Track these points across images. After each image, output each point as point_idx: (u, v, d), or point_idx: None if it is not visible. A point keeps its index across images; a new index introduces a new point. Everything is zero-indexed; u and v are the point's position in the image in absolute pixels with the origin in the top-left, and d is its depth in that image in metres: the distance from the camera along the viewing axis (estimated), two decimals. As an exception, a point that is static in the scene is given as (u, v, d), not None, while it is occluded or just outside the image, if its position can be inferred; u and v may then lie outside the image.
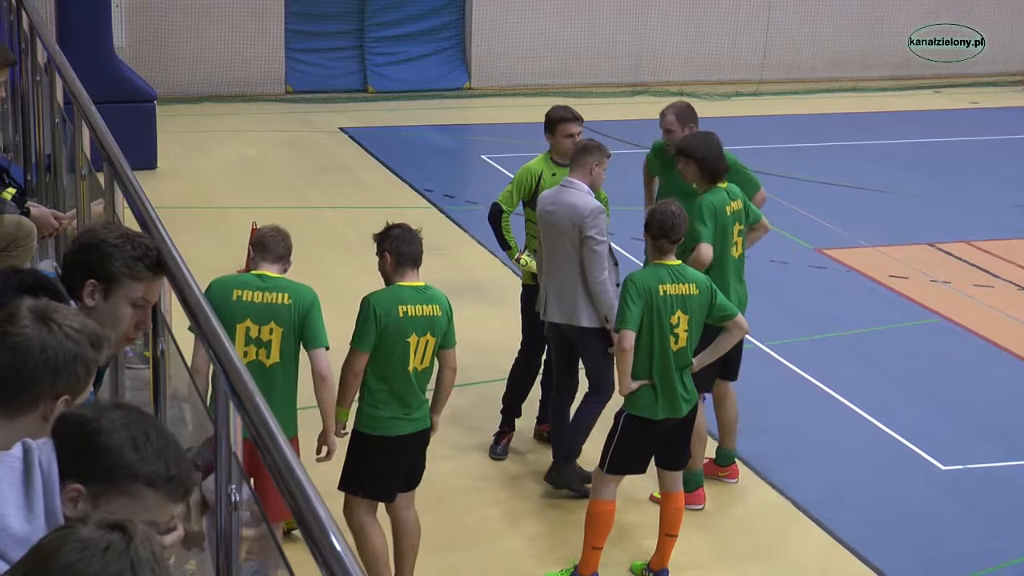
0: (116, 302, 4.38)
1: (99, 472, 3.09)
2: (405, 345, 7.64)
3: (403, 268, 7.76)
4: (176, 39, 21.71)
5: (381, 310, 7.65)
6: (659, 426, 8.17)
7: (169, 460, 3.14)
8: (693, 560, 8.74)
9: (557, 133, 9.85)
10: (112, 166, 5.55)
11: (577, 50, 23.07)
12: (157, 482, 3.11)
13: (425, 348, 7.70)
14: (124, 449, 3.10)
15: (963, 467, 10.03)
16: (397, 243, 7.78)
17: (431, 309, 7.70)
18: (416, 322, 7.65)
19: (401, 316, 7.63)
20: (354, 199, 16.38)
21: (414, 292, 7.73)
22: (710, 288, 8.20)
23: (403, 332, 7.64)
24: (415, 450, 7.86)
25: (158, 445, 3.14)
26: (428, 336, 7.68)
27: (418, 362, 7.70)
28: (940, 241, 15.11)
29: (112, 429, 3.12)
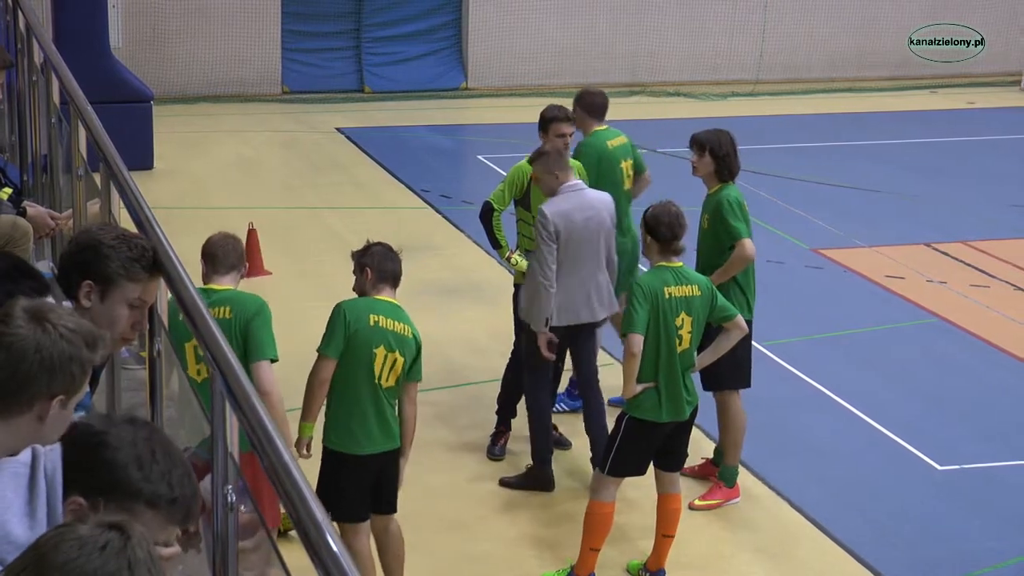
0: (113, 303, 4.37)
1: (101, 486, 3.08)
2: (372, 355, 7.48)
3: (382, 285, 7.67)
4: (172, 39, 21.71)
5: (352, 316, 7.53)
6: (661, 428, 8.17)
7: (173, 482, 3.11)
8: (689, 561, 8.74)
9: (550, 132, 9.88)
10: (108, 166, 5.55)
11: (574, 50, 23.08)
12: (158, 503, 3.08)
13: (392, 366, 7.52)
14: (129, 466, 3.08)
15: (959, 467, 10.04)
16: (379, 259, 7.71)
17: (403, 328, 7.57)
18: (387, 335, 7.51)
19: (372, 325, 7.51)
20: (351, 199, 16.38)
21: (389, 307, 7.61)
22: (711, 289, 8.22)
23: (372, 341, 7.49)
24: (383, 471, 7.67)
25: (164, 466, 3.11)
26: (396, 354, 7.51)
27: (384, 378, 7.53)
28: (937, 241, 15.11)
29: (119, 445, 3.09)
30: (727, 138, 9.32)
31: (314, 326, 10.18)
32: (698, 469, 9.65)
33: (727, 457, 9.47)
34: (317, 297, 12.51)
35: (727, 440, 9.46)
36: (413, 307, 8.37)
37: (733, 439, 9.43)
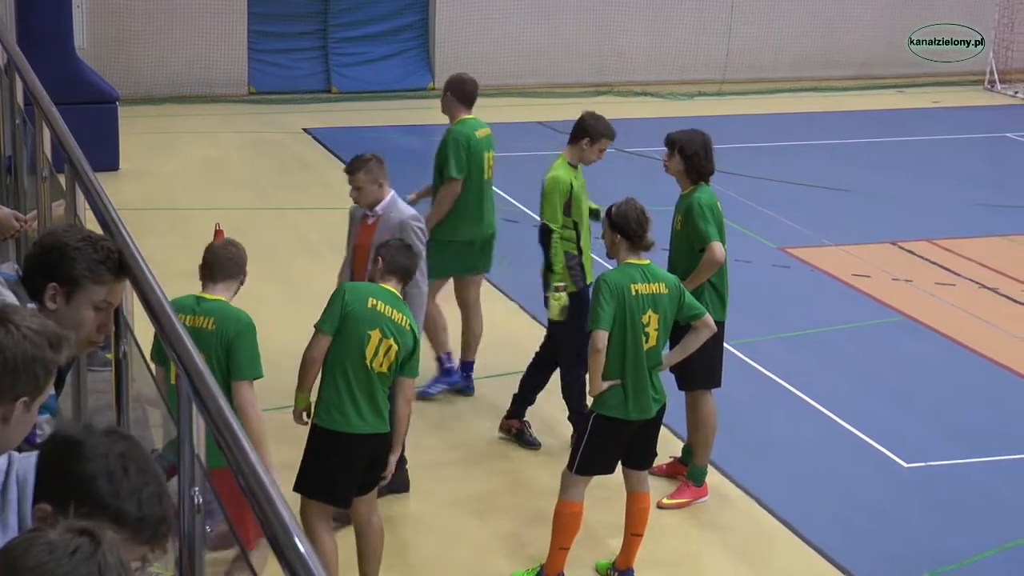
0: (78, 305, 4.35)
1: (70, 496, 3.03)
2: (364, 336, 7.57)
3: (389, 276, 7.83)
4: (138, 40, 21.62)
5: (350, 296, 7.70)
6: (629, 426, 8.18)
7: (143, 500, 3.03)
8: (659, 560, 8.76)
9: (595, 146, 9.89)
10: (73, 167, 5.52)
11: (541, 50, 23.09)
12: (124, 521, 3.01)
13: (387, 352, 7.60)
14: (98, 479, 3.02)
15: (926, 464, 10.08)
16: (392, 252, 7.91)
17: (401, 318, 7.68)
18: (382, 319, 7.62)
19: (369, 307, 7.64)
20: (318, 200, 16.34)
21: (390, 296, 7.74)
22: (679, 287, 8.23)
23: (366, 323, 7.59)
24: (372, 455, 7.73)
25: (135, 483, 3.04)
26: (392, 341, 7.60)
27: (377, 363, 7.61)
28: (903, 240, 15.18)
29: (92, 456, 3.04)
30: (700, 139, 9.34)
31: (281, 327, 10.19)
32: (666, 468, 9.66)
33: (696, 457, 9.49)
34: (284, 298, 12.49)
35: (697, 440, 9.48)
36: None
37: (703, 439, 9.44)
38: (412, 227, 8.92)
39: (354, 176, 9.04)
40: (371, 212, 9.04)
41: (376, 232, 8.90)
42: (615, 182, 11.28)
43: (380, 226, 8.93)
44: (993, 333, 12.56)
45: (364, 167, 9.01)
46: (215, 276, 7.42)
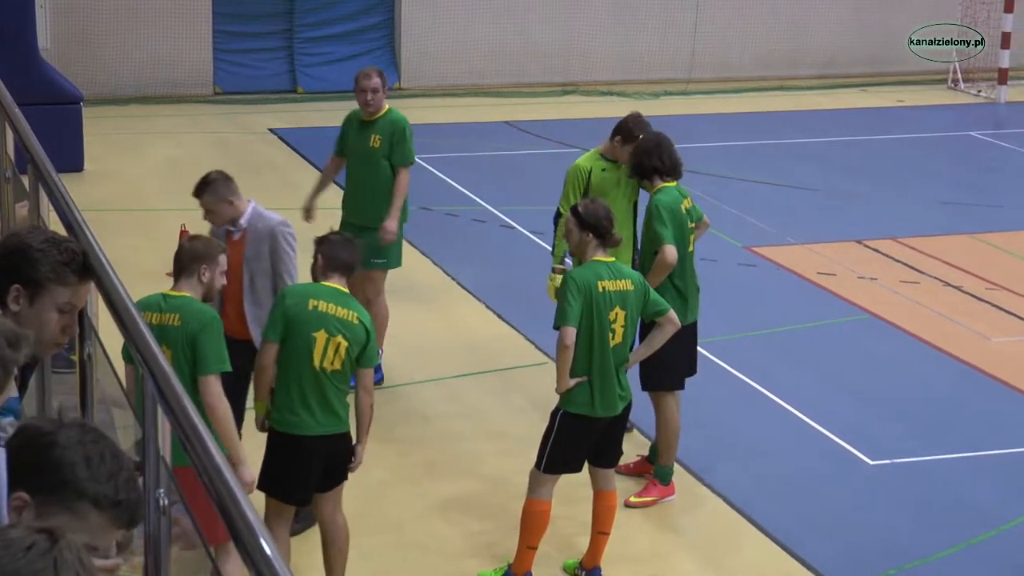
0: (42, 307, 4.33)
1: (48, 485, 3.06)
2: (311, 340, 7.56)
3: (330, 272, 7.77)
4: (102, 40, 21.52)
5: (290, 300, 7.67)
6: (596, 424, 8.19)
7: (120, 485, 3.09)
8: (626, 558, 8.77)
9: (627, 146, 9.83)
10: (37, 168, 5.50)
11: (506, 50, 23.09)
12: (103, 504, 3.06)
13: (336, 350, 7.59)
14: (76, 466, 3.06)
15: (891, 462, 10.13)
16: (332, 247, 7.84)
17: (347, 313, 7.64)
18: (327, 319, 7.59)
19: (310, 309, 7.60)
20: (284, 200, 16.26)
21: (333, 293, 7.70)
22: (644, 284, 8.26)
23: (310, 326, 7.57)
24: (330, 455, 7.73)
25: (111, 467, 3.09)
26: (340, 338, 7.58)
27: (328, 362, 7.59)
28: (868, 238, 15.24)
29: (68, 445, 3.07)
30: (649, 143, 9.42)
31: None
32: (633, 466, 9.68)
33: (661, 457, 9.51)
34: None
35: (660, 440, 9.51)
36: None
37: (666, 440, 9.47)
38: (282, 233, 8.68)
39: (201, 199, 8.69)
40: (234, 227, 8.64)
41: (246, 246, 8.63)
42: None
43: (248, 239, 8.64)
44: (957, 331, 12.63)
45: (208, 189, 8.67)
46: (179, 273, 7.49)
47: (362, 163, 10.88)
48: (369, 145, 10.87)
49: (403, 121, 10.93)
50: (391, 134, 10.87)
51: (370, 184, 10.87)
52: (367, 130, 10.91)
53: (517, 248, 14.51)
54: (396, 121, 10.92)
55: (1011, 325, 12.82)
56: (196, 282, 7.43)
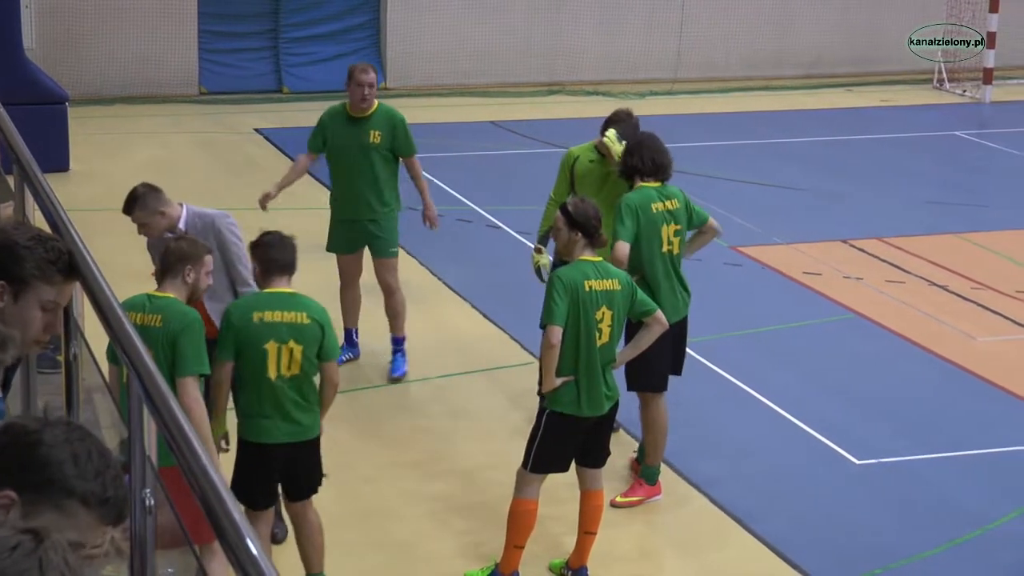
0: (26, 305, 4.31)
1: (35, 483, 3.05)
2: (263, 352, 7.51)
3: (270, 276, 7.67)
4: (88, 40, 21.49)
5: (235, 317, 7.58)
6: (582, 423, 8.19)
7: (107, 482, 3.07)
8: (613, 557, 8.78)
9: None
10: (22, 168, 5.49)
11: (492, 50, 23.09)
12: (91, 502, 3.05)
13: (291, 356, 7.55)
14: (64, 464, 3.04)
15: (876, 461, 10.15)
16: (267, 251, 7.70)
17: (295, 316, 7.57)
18: (274, 328, 7.53)
19: (256, 322, 7.52)
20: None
21: (277, 299, 7.61)
22: (631, 284, 8.26)
23: (259, 338, 7.51)
24: (290, 462, 7.71)
25: (98, 465, 3.08)
26: (291, 344, 7.54)
27: (284, 368, 7.55)
28: (853, 238, 15.26)
29: (55, 443, 3.06)
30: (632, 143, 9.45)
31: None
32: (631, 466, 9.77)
33: (648, 457, 9.52)
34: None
35: (647, 441, 9.51)
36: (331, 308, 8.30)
37: (652, 440, 9.48)
38: (224, 225, 8.60)
39: (132, 215, 8.51)
40: (173, 235, 8.38)
41: None
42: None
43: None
44: (943, 330, 12.65)
45: (137, 204, 8.46)
46: (163, 274, 7.49)
47: (359, 159, 10.91)
48: (369, 141, 10.91)
49: (399, 113, 11.09)
50: (392, 128, 10.94)
51: (369, 178, 10.95)
52: (362, 126, 10.93)
53: (503, 248, 14.51)
54: (393, 114, 11.03)
55: (997, 324, 12.84)
56: (181, 283, 7.41)
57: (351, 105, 10.99)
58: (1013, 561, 9.00)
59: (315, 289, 7.80)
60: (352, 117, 10.96)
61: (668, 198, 9.34)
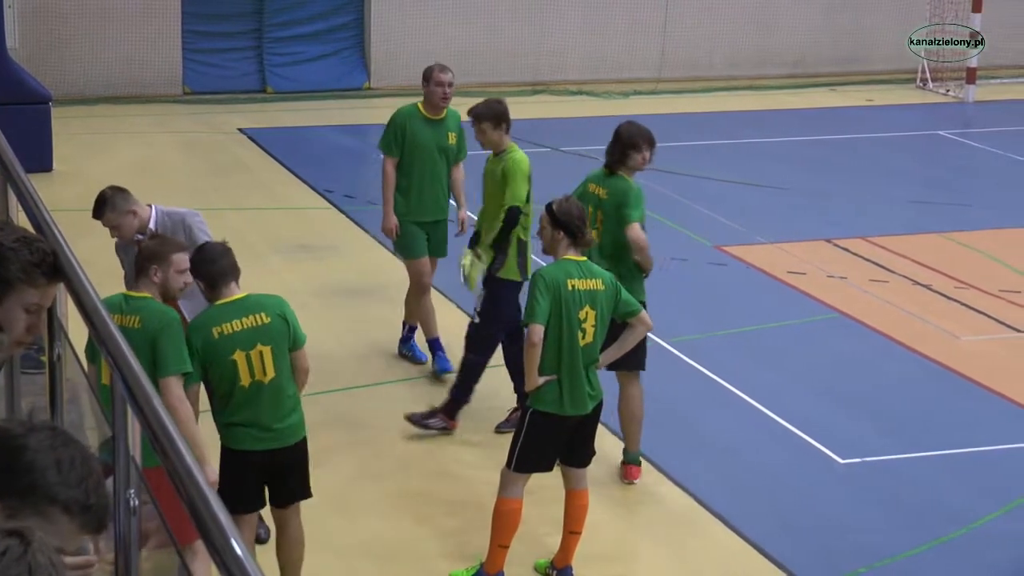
0: (10, 307, 4.30)
1: (17, 488, 3.04)
2: (231, 364, 7.44)
3: (217, 288, 7.55)
4: (71, 40, 21.44)
5: (196, 338, 7.46)
6: (566, 422, 8.19)
7: (90, 489, 3.07)
8: (596, 556, 8.78)
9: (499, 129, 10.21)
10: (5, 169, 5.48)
11: (476, 50, 23.08)
12: (73, 509, 3.05)
13: (261, 360, 7.47)
14: (47, 470, 3.04)
15: (861, 460, 10.16)
16: (205, 265, 7.56)
17: (253, 319, 7.49)
18: (236, 338, 7.44)
19: (217, 337, 7.44)
20: (254, 200, 16.28)
21: (230, 308, 7.50)
22: (615, 284, 8.25)
23: (223, 351, 7.43)
24: (273, 468, 7.66)
25: (81, 472, 3.08)
26: (258, 347, 7.46)
27: (259, 375, 7.48)
28: (837, 237, 15.29)
29: (39, 449, 3.06)
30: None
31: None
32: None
33: (631, 444, 9.64)
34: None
35: (625, 426, 9.62)
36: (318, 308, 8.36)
37: (630, 424, 9.57)
38: (194, 223, 8.55)
39: (103, 219, 8.51)
40: (143, 236, 8.37)
41: None
42: (551, 180, 11.30)
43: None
44: (926, 329, 12.68)
45: (108, 206, 8.46)
46: (137, 274, 7.47)
47: (437, 160, 10.91)
48: (447, 143, 10.95)
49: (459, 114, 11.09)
50: (460, 130, 10.99)
51: (442, 179, 11.04)
52: (441, 126, 10.95)
53: (488, 248, 14.48)
54: (459, 116, 11.06)
55: (980, 324, 12.87)
56: (150, 282, 7.39)
57: (429, 106, 10.92)
58: (997, 559, 9.02)
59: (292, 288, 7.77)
60: (428, 118, 10.90)
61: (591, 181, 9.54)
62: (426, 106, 10.93)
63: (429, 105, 10.92)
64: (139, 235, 8.43)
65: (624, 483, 9.64)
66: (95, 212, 8.54)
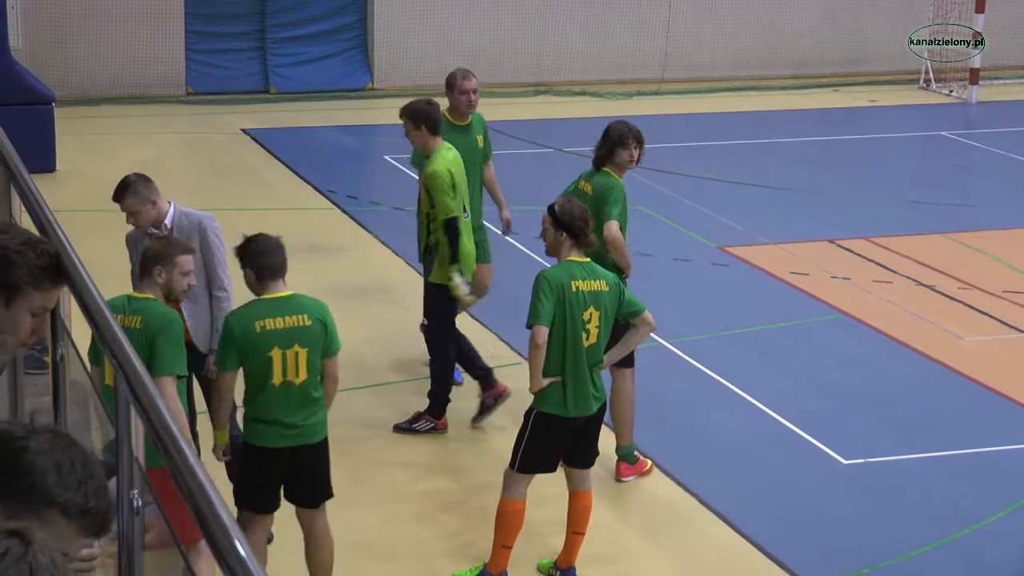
0: (16, 311, 4.29)
1: (16, 491, 3.03)
2: (267, 360, 7.47)
3: (265, 281, 7.60)
4: (74, 40, 21.45)
5: (237, 328, 7.52)
6: (569, 424, 8.19)
7: (89, 493, 3.05)
8: (599, 557, 8.78)
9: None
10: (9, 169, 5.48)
11: (479, 50, 23.07)
12: (72, 512, 3.03)
13: (296, 361, 7.51)
14: (47, 473, 3.03)
15: (864, 461, 10.16)
16: (257, 257, 7.62)
17: (295, 319, 7.53)
18: (277, 335, 7.48)
19: (258, 331, 7.47)
20: (257, 201, 16.28)
21: (275, 304, 7.56)
22: (618, 285, 8.26)
23: (262, 347, 7.47)
24: (295, 466, 7.69)
25: (82, 475, 3.06)
26: (296, 348, 7.50)
27: (292, 375, 7.51)
28: (840, 238, 15.28)
29: (39, 451, 3.04)
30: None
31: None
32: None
33: (623, 438, 9.63)
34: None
35: (617, 420, 9.62)
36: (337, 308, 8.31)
37: (622, 418, 9.58)
38: (211, 227, 8.56)
39: (122, 203, 8.49)
40: (158, 230, 8.42)
41: None
42: (554, 181, 11.29)
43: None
44: (930, 330, 12.67)
45: (129, 191, 8.48)
46: (141, 275, 7.49)
47: (471, 166, 10.83)
48: (477, 147, 10.92)
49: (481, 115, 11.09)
50: (485, 131, 10.99)
51: (479, 184, 10.99)
52: (469, 132, 10.91)
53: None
54: (482, 118, 11.06)
55: (983, 324, 12.86)
56: (153, 283, 7.41)
57: (455, 114, 10.87)
58: (1000, 560, 9.02)
59: (294, 289, 7.75)
60: (456, 125, 10.85)
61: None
62: (453, 114, 10.89)
63: (456, 112, 10.88)
64: (154, 228, 8.43)
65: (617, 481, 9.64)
66: (116, 195, 8.55)
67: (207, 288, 8.40)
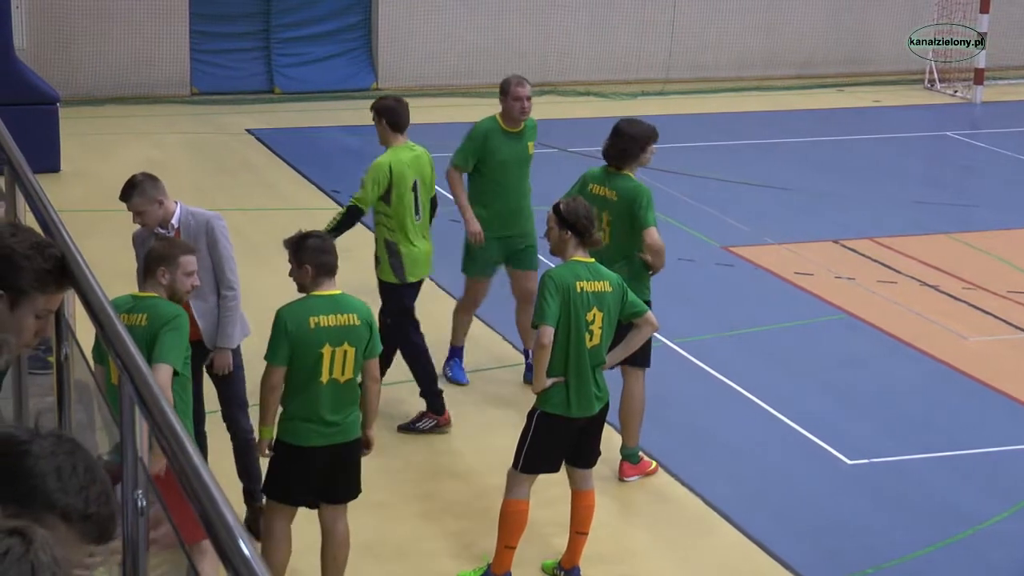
0: (22, 313, 4.29)
1: (17, 494, 3.01)
2: (318, 356, 7.55)
3: (320, 278, 7.67)
4: (79, 40, 21.45)
5: (291, 323, 7.58)
6: (572, 424, 8.19)
7: (90, 498, 3.03)
8: (603, 557, 8.78)
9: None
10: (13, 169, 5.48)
11: (483, 50, 23.08)
12: (72, 516, 3.01)
13: (344, 359, 7.59)
14: (47, 477, 3.01)
15: (868, 461, 10.16)
16: (316, 255, 7.68)
17: (346, 318, 7.62)
18: (329, 333, 7.56)
19: (312, 328, 7.55)
20: (261, 201, 16.29)
21: (328, 302, 7.64)
22: (622, 285, 8.25)
23: (314, 344, 7.54)
24: (332, 463, 7.75)
25: (83, 480, 3.04)
26: (345, 346, 7.58)
27: (338, 373, 7.60)
28: (845, 238, 15.27)
29: (41, 455, 3.03)
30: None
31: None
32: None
33: (629, 439, 9.62)
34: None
35: (624, 420, 9.60)
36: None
37: (630, 418, 9.57)
38: (218, 226, 8.56)
39: (129, 203, 8.52)
40: (165, 230, 8.42)
41: None
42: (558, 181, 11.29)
43: (183, 238, 8.34)
44: (934, 330, 12.66)
45: (136, 190, 8.50)
46: (144, 275, 7.51)
47: (520, 173, 10.82)
48: (528, 154, 10.92)
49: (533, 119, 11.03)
50: (535, 136, 10.97)
51: (526, 191, 10.98)
52: (520, 139, 10.89)
53: (495, 248, 14.48)
54: (535, 123, 11.08)
55: (988, 324, 12.86)
56: (157, 283, 7.42)
57: (508, 120, 10.86)
58: (1004, 560, 9.01)
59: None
60: (508, 131, 10.84)
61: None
62: (505, 119, 10.87)
63: (508, 119, 10.87)
64: (160, 228, 8.43)
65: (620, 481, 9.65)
66: (123, 195, 8.56)
67: (215, 287, 8.41)
